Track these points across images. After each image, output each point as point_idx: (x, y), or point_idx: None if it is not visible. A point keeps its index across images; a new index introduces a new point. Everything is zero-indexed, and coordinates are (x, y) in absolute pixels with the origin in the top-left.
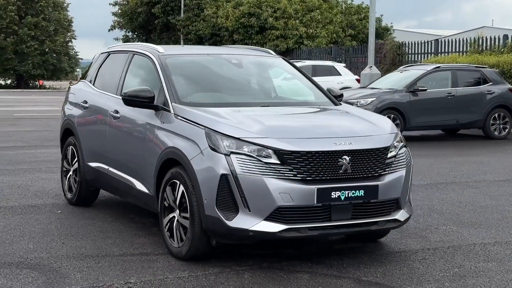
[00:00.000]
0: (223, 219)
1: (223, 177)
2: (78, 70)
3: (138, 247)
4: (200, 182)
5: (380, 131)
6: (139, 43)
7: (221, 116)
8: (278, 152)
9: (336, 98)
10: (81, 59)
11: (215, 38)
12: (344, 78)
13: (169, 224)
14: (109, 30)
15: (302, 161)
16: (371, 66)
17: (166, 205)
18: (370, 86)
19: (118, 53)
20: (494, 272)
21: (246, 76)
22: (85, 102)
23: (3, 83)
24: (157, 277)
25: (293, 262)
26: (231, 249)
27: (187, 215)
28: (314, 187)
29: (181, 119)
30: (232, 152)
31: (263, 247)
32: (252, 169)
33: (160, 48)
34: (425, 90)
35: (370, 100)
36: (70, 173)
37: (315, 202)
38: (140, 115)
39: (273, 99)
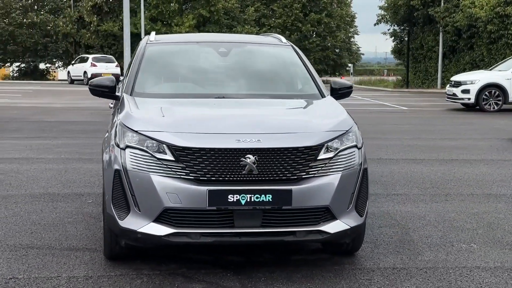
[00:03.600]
0: (117, 218)
1: (116, 172)
2: (349, 65)
3: (90, 243)
4: (104, 178)
5: (312, 128)
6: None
7: (143, 108)
8: (171, 148)
9: (338, 90)
10: (363, 54)
11: (472, 29)
12: None
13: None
14: (374, 25)
15: (195, 159)
16: None
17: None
18: None
19: None
20: None
21: (226, 66)
22: None
23: None
24: (52, 274)
25: (216, 270)
26: (175, 251)
27: None
28: (206, 188)
29: (118, 110)
30: (128, 146)
31: (212, 251)
32: (142, 165)
33: (152, 37)
34: None
35: None
36: None
37: (207, 206)
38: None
39: (240, 91)
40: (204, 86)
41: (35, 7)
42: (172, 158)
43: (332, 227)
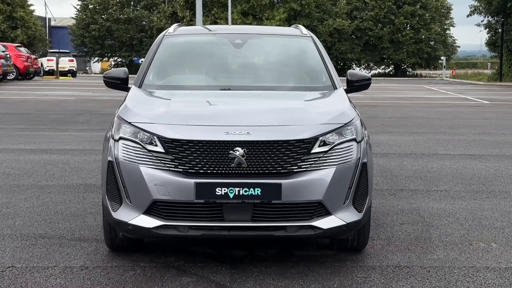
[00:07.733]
0: (110, 209)
1: (110, 164)
2: (442, 58)
3: (101, 234)
4: (101, 169)
5: (307, 121)
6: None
7: (143, 100)
8: (161, 140)
9: (354, 82)
10: (459, 47)
11: None
12: None
13: None
14: (467, 16)
15: (183, 151)
16: None
17: None
18: None
19: None
20: None
21: (238, 57)
22: None
23: (382, 71)
24: (50, 264)
25: (212, 264)
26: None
27: None
28: (193, 181)
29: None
30: (121, 138)
31: (218, 244)
32: (133, 156)
33: (172, 28)
34: None
35: None
36: None
37: (195, 198)
38: None
39: (247, 83)
40: (213, 78)
41: (131, 3)
42: (162, 150)
43: (326, 222)
